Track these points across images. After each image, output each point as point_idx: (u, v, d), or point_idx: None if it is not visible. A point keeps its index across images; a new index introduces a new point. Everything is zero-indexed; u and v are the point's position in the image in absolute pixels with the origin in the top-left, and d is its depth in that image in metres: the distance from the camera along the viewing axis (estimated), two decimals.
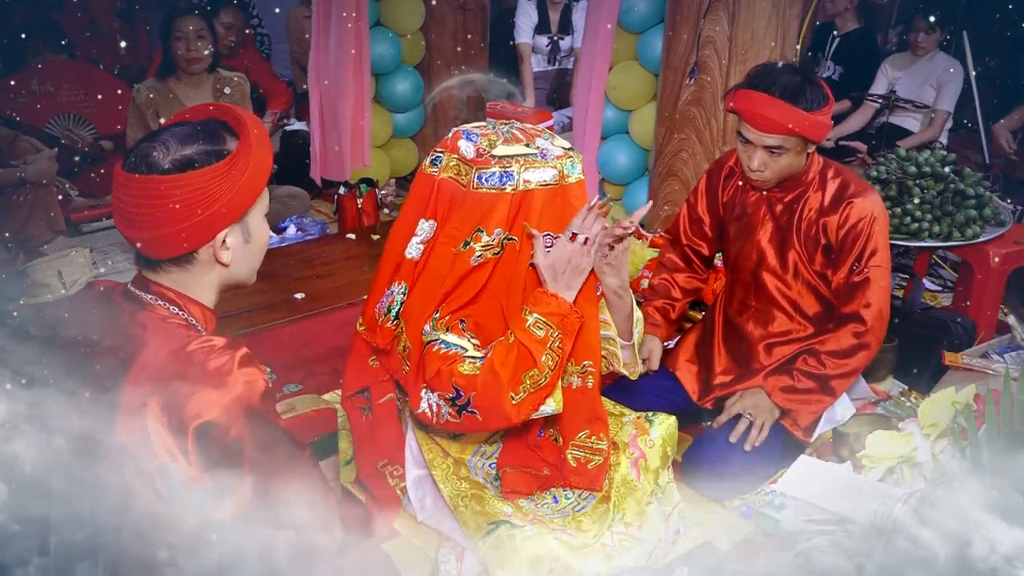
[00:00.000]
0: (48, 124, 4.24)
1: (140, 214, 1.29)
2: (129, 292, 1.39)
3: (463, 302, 1.79)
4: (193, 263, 1.37)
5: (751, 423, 2.32)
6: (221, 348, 1.28)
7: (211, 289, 1.42)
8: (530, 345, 1.69)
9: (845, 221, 2.28)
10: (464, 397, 1.69)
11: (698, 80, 3.34)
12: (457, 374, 1.70)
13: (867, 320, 2.30)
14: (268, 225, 1.46)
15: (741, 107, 2.21)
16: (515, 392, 1.68)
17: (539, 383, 1.70)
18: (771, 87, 2.16)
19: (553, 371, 1.71)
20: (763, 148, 2.22)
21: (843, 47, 4.73)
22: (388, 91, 4.53)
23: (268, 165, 1.37)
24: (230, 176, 1.31)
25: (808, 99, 2.16)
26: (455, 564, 1.92)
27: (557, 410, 1.76)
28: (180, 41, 3.65)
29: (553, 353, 1.71)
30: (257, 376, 1.29)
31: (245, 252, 1.41)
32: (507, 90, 2.13)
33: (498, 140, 1.78)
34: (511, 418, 1.70)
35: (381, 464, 2.02)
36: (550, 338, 1.71)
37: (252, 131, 1.34)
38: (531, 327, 1.71)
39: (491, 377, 1.68)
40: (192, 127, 1.34)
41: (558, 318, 1.72)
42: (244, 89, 3.90)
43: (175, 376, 1.25)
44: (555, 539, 1.80)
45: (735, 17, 3.20)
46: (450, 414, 1.72)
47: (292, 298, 3.29)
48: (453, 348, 1.74)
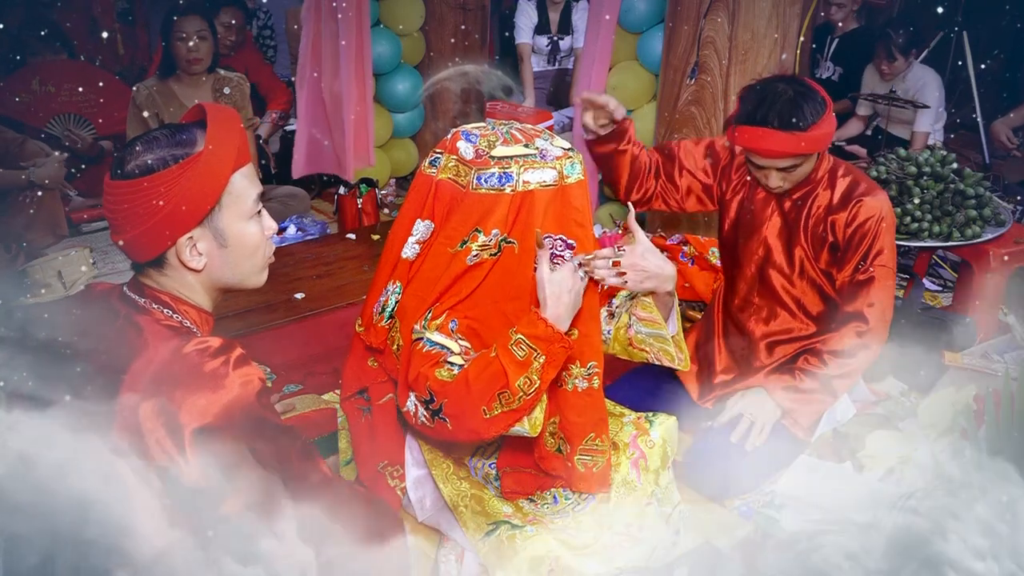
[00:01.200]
0: (48, 124, 4.24)
1: (112, 217, 1.34)
2: (125, 295, 1.40)
3: (456, 300, 1.79)
4: (167, 267, 1.38)
5: (752, 423, 2.32)
6: (216, 349, 1.29)
7: (199, 292, 1.42)
8: (507, 365, 1.62)
9: (853, 219, 2.28)
10: (437, 403, 1.65)
11: (698, 80, 3.34)
12: (432, 378, 1.66)
13: (870, 320, 2.30)
14: (258, 229, 1.43)
15: (744, 144, 2.20)
16: (488, 408, 1.62)
17: (511, 405, 1.63)
18: (767, 118, 2.13)
19: (530, 396, 1.63)
20: (776, 170, 2.23)
21: (843, 48, 4.74)
22: (388, 91, 4.53)
23: (223, 170, 1.35)
24: (179, 182, 1.30)
25: (806, 116, 2.13)
26: (455, 564, 1.92)
27: (531, 433, 1.70)
28: (181, 41, 3.65)
29: (532, 378, 1.63)
30: (252, 376, 1.29)
31: (224, 256, 1.40)
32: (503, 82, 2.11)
33: (497, 141, 1.78)
34: (480, 433, 1.65)
35: (381, 465, 2.02)
36: (533, 362, 1.63)
37: (213, 136, 1.33)
38: (512, 347, 1.64)
39: (463, 389, 1.63)
40: (170, 130, 1.34)
41: (544, 344, 1.64)
42: (244, 89, 3.90)
43: (171, 379, 1.25)
44: (555, 539, 1.80)
45: (735, 17, 3.20)
46: (425, 417, 1.68)
47: (292, 298, 3.28)
48: (437, 348, 1.71)
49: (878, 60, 4.34)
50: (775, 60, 3.24)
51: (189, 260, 1.37)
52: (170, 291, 1.39)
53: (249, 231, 1.42)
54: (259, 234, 1.44)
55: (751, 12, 3.18)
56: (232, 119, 1.38)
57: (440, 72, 2.17)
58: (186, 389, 1.24)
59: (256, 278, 1.48)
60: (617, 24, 3.77)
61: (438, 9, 4.55)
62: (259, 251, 1.45)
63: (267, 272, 1.50)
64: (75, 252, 3.56)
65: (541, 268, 1.70)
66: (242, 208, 1.40)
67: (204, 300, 1.43)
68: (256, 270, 1.47)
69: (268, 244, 1.48)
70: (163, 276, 1.39)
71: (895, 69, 4.30)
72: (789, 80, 2.21)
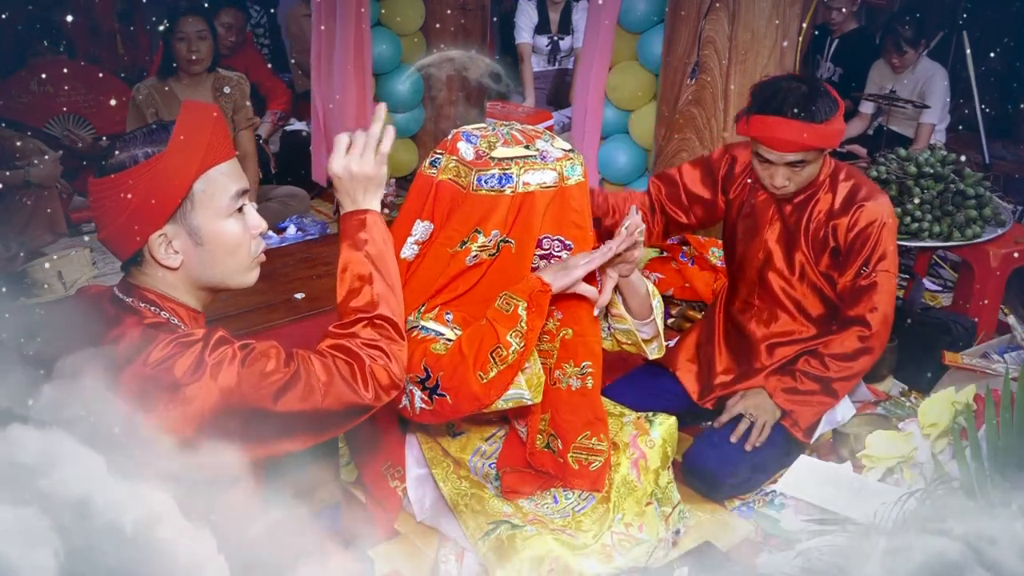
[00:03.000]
0: (48, 124, 4.24)
1: (95, 215, 1.36)
2: (114, 297, 1.40)
3: (451, 297, 1.79)
4: (145, 264, 1.39)
5: (752, 423, 2.32)
6: (196, 340, 1.30)
7: (182, 291, 1.41)
8: (495, 321, 1.66)
9: (855, 224, 2.28)
10: (432, 378, 1.67)
11: (698, 80, 3.34)
12: (428, 354, 1.69)
13: (872, 324, 2.30)
14: (239, 227, 1.41)
15: (757, 133, 2.20)
16: (483, 372, 1.65)
17: (507, 360, 1.65)
18: (783, 108, 2.14)
19: (520, 348, 1.66)
20: (784, 165, 2.22)
21: (842, 48, 4.74)
22: (388, 91, 4.53)
23: (188, 169, 1.33)
24: (142, 180, 1.31)
25: (821, 111, 2.14)
26: (455, 564, 1.92)
27: (533, 398, 1.72)
28: (181, 41, 3.65)
29: (519, 329, 1.66)
30: (226, 353, 1.30)
31: (201, 255, 1.39)
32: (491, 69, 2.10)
33: (497, 142, 1.78)
34: (480, 399, 1.67)
35: (384, 466, 2.02)
36: (519, 312, 1.66)
37: (176, 135, 1.33)
38: (499, 305, 1.69)
39: (458, 357, 1.66)
40: (147, 128, 1.36)
41: (526, 293, 1.68)
42: (244, 89, 3.90)
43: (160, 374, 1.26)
44: (555, 539, 1.81)
45: (735, 17, 3.20)
46: (423, 400, 1.69)
47: (292, 298, 3.28)
48: (432, 333, 1.74)
49: (888, 54, 4.36)
50: (775, 60, 3.24)
51: (164, 258, 1.36)
52: (155, 289, 1.39)
53: (227, 229, 1.39)
54: (240, 232, 1.41)
55: (751, 12, 3.18)
56: (203, 117, 1.36)
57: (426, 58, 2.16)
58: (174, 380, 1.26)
59: (241, 277, 1.45)
60: (617, 24, 3.77)
61: (438, 9, 4.55)
62: (241, 249, 1.42)
63: (257, 271, 1.47)
64: (75, 252, 3.57)
65: None
66: (217, 206, 1.37)
67: (190, 299, 1.42)
68: (241, 269, 1.44)
69: (255, 242, 1.45)
70: (144, 275, 1.40)
71: (906, 61, 4.33)
72: (802, 78, 2.23)
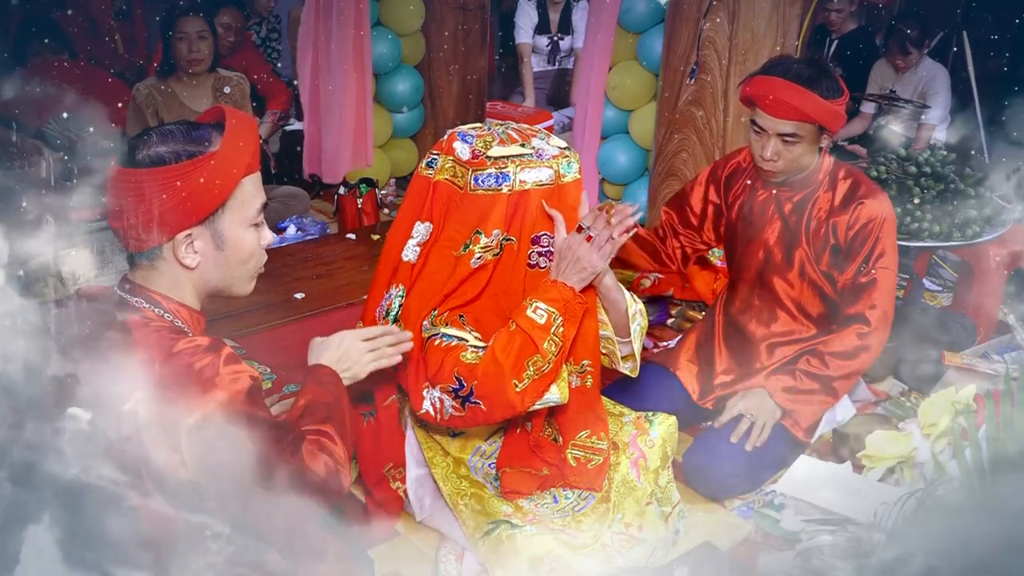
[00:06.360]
0: (48, 124, 4.23)
1: (115, 204, 1.34)
2: (115, 296, 1.40)
3: (463, 302, 1.79)
4: (159, 260, 1.38)
5: (752, 423, 2.32)
6: (206, 348, 1.30)
7: (189, 291, 1.42)
8: (531, 331, 1.68)
9: (855, 222, 2.28)
10: (467, 388, 1.68)
11: (698, 80, 3.34)
12: (460, 363, 1.69)
13: (872, 322, 2.30)
14: (255, 238, 1.44)
15: (756, 92, 2.21)
16: (519, 380, 1.67)
17: (542, 369, 1.69)
18: (787, 73, 2.17)
19: (556, 357, 1.71)
20: (777, 136, 2.21)
21: (842, 48, 4.74)
22: (388, 91, 4.53)
23: (235, 173, 1.36)
24: (190, 177, 1.31)
25: (825, 87, 2.16)
26: (455, 564, 1.92)
27: (562, 399, 1.76)
28: (181, 41, 3.65)
29: (556, 339, 1.70)
30: (242, 373, 1.30)
31: (217, 259, 1.41)
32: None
33: (493, 141, 1.78)
34: (515, 406, 1.69)
35: (387, 468, 2.02)
36: (552, 324, 1.70)
37: (229, 139, 1.34)
38: (532, 314, 1.71)
39: (493, 366, 1.67)
40: (186, 126, 1.35)
41: (560, 304, 1.72)
42: (244, 89, 3.90)
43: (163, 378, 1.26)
44: (555, 539, 1.80)
45: (735, 17, 3.20)
46: (454, 407, 1.71)
47: (292, 298, 3.28)
48: (455, 340, 1.74)
49: (892, 55, 4.38)
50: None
51: (184, 257, 1.37)
52: (159, 289, 1.39)
53: (246, 238, 1.43)
54: (255, 243, 1.45)
55: (751, 12, 3.19)
56: (251, 125, 1.40)
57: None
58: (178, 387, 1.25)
59: (243, 286, 1.48)
60: (617, 24, 3.77)
61: (438, 9, 4.55)
62: (252, 259, 1.46)
63: (255, 283, 1.51)
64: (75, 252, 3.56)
65: (557, 237, 1.78)
66: (246, 214, 1.41)
67: (193, 300, 1.43)
68: (246, 278, 1.47)
69: (262, 255, 1.48)
70: (154, 271, 1.39)
71: (910, 62, 4.36)
72: (816, 61, 2.27)
